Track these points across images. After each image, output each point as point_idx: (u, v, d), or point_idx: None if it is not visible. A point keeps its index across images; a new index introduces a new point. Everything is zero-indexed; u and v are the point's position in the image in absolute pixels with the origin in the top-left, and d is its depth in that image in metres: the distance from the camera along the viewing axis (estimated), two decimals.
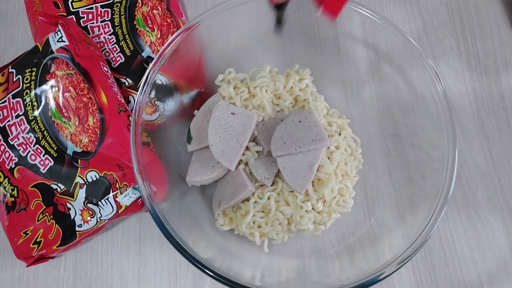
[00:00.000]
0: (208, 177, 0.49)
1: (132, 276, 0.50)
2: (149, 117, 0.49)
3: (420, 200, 0.46)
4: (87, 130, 0.47)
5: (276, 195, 0.48)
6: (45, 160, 0.48)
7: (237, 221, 0.48)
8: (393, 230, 0.47)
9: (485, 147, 0.54)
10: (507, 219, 0.52)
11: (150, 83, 0.46)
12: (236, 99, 0.51)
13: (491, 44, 0.59)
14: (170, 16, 0.55)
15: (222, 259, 0.44)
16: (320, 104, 0.52)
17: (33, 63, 0.49)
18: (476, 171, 0.53)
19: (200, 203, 0.51)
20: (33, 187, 0.48)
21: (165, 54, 0.46)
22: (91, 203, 0.47)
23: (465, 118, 0.56)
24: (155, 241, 0.51)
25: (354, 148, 0.52)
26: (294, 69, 0.54)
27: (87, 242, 0.52)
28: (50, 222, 0.48)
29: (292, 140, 0.47)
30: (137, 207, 0.49)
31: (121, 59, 0.53)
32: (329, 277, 0.46)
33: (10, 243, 0.49)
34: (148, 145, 0.46)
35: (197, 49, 0.52)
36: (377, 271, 0.40)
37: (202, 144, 0.50)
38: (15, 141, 0.49)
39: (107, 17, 0.54)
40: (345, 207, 0.49)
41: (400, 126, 0.52)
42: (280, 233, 0.48)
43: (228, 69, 0.53)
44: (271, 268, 0.47)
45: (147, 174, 0.43)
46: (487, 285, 0.49)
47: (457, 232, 0.51)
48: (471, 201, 0.52)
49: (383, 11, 0.61)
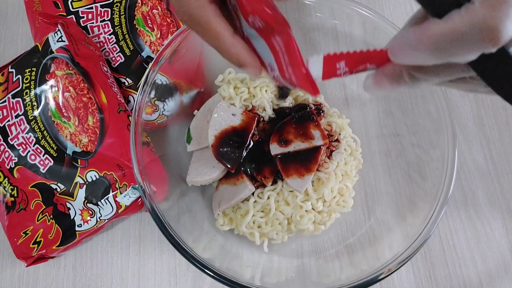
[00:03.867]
0: (209, 177, 0.48)
1: (132, 276, 0.50)
2: (149, 117, 0.49)
3: (420, 199, 0.46)
4: (87, 130, 0.47)
5: (276, 194, 0.48)
6: (45, 160, 0.48)
7: (237, 221, 0.48)
8: (393, 230, 0.47)
9: (485, 147, 0.54)
10: (507, 219, 0.52)
11: (150, 83, 0.46)
12: (236, 99, 0.51)
13: None
14: (170, 16, 0.55)
15: (222, 259, 0.44)
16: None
17: (33, 63, 0.49)
18: (476, 171, 0.53)
19: (200, 203, 0.51)
20: (33, 187, 0.48)
21: (165, 54, 0.46)
22: (91, 203, 0.47)
23: (465, 118, 0.56)
24: (155, 241, 0.51)
25: (354, 148, 0.52)
26: None
27: (87, 242, 0.52)
28: (50, 222, 0.48)
29: (292, 140, 0.47)
30: (137, 207, 0.49)
31: (121, 59, 0.53)
32: (329, 277, 0.46)
33: (10, 243, 0.49)
34: (148, 145, 0.46)
35: (197, 49, 0.52)
36: (377, 271, 0.40)
37: (202, 144, 0.50)
38: (15, 141, 0.49)
39: (106, 17, 0.54)
40: (345, 207, 0.49)
41: (400, 126, 0.52)
42: (280, 233, 0.48)
43: (228, 69, 0.53)
44: (271, 268, 0.47)
45: (147, 174, 0.43)
46: (486, 284, 0.49)
47: (457, 231, 0.51)
48: (471, 201, 0.52)
49: (383, 11, 0.61)
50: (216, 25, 0.28)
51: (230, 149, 0.48)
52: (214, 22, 0.28)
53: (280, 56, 0.29)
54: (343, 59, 0.27)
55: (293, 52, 0.28)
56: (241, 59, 0.29)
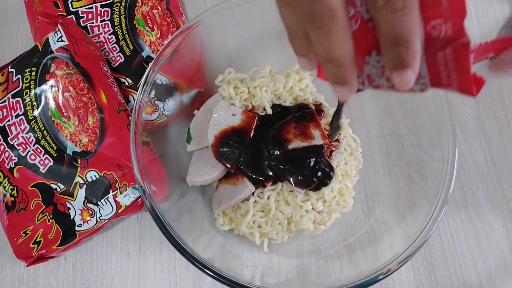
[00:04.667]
0: (209, 177, 0.48)
1: (132, 276, 0.50)
2: (149, 117, 0.49)
3: (420, 199, 0.46)
4: (87, 130, 0.47)
5: (276, 194, 0.48)
6: (45, 159, 0.48)
7: (237, 221, 0.48)
8: (393, 229, 0.47)
9: (485, 147, 0.54)
10: (507, 218, 0.52)
11: (150, 82, 0.46)
12: (236, 99, 0.51)
13: None
14: (170, 16, 0.55)
15: (222, 259, 0.44)
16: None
17: (32, 63, 0.49)
18: (476, 170, 0.53)
19: (200, 203, 0.51)
20: (32, 186, 0.48)
21: (165, 54, 0.46)
22: (90, 202, 0.47)
23: (465, 117, 0.56)
24: (155, 241, 0.51)
25: (354, 147, 0.52)
26: (294, 69, 0.54)
27: (86, 242, 0.52)
28: (49, 222, 0.48)
29: (292, 139, 0.47)
30: (137, 207, 0.49)
31: (120, 59, 0.53)
32: (329, 277, 0.46)
33: (10, 243, 0.49)
34: (148, 145, 0.46)
35: (197, 49, 0.52)
36: (377, 270, 0.40)
37: (202, 144, 0.50)
38: (14, 141, 0.49)
39: (106, 16, 0.54)
40: (345, 207, 0.49)
41: (400, 126, 0.52)
42: (280, 233, 0.48)
43: (228, 69, 0.53)
44: (271, 268, 0.47)
45: (147, 174, 0.43)
46: (486, 284, 0.49)
47: (457, 231, 0.51)
48: (471, 200, 0.52)
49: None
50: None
51: (230, 149, 0.48)
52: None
53: (440, 63, 0.26)
54: (473, 52, 0.27)
55: (466, 60, 0.26)
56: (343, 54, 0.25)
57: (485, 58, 0.28)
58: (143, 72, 0.48)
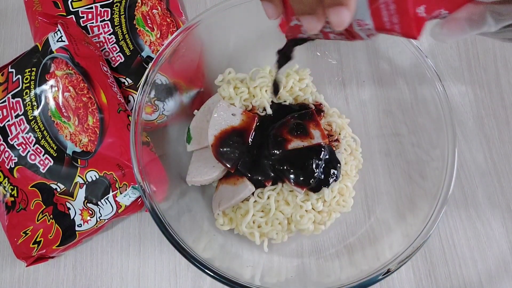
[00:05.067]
0: (209, 177, 0.48)
1: (132, 276, 0.50)
2: (149, 117, 0.49)
3: (420, 199, 0.46)
4: (87, 130, 0.47)
5: (276, 194, 0.48)
6: (45, 160, 0.48)
7: (237, 220, 0.48)
8: (393, 229, 0.47)
9: (485, 147, 0.54)
10: (507, 218, 0.52)
11: (149, 82, 0.46)
12: (236, 99, 0.51)
13: (491, 43, 0.59)
14: (170, 16, 0.55)
15: (222, 259, 0.44)
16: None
17: (32, 63, 0.49)
18: (476, 170, 0.53)
19: (200, 203, 0.51)
20: (32, 186, 0.48)
21: (165, 54, 0.46)
22: (90, 202, 0.47)
23: (465, 117, 0.56)
24: (155, 241, 0.51)
25: (353, 147, 0.52)
26: (294, 69, 0.54)
27: (86, 242, 0.52)
28: (50, 222, 0.48)
29: (291, 139, 0.47)
30: (137, 207, 0.49)
31: (120, 59, 0.53)
32: (329, 276, 0.46)
33: (10, 243, 0.49)
34: (148, 145, 0.46)
35: (196, 49, 0.52)
36: (377, 270, 0.40)
37: (202, 144, 0.50)
38: (14, 141, 0.49)
39: (106, 16, 0.54)
40: (345, 207, 0.49)
41: (400, 126, 0.52)
42: (280, 232, 0.48)
43: (228, 69, 0.53)
44: (271, 268, 0.47)
45: (147, 174, 0.43)
46: (486, 284, 0.49)
47: (457, 231, 0.51)
48: (471, 200, 0.52)
49: None
50: None
51: (230, 149, 0.48)
52: None
53: (381, 8, 0.28)
54: (423, 4, 0.27)
55: (405, 1, 0.27)
56: None
57: (438, 15, 0.29)
58: (143, 72, 0.48)
